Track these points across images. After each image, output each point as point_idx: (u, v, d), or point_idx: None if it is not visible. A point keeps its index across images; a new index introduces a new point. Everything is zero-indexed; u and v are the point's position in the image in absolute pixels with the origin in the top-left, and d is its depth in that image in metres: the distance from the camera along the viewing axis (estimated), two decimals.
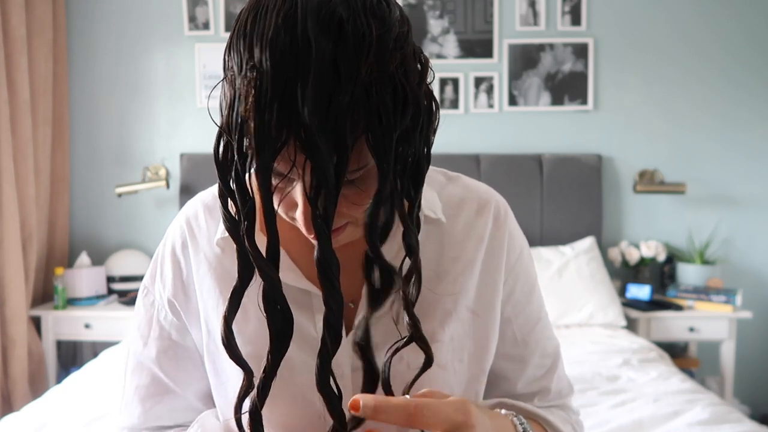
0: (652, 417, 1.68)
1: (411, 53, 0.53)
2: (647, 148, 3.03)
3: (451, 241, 0.70)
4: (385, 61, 0.49)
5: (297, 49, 0.47)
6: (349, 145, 0.48)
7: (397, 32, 0.51)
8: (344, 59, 0.47)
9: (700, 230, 3.01)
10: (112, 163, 3.07)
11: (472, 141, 3.01)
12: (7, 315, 2.63)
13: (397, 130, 0.51)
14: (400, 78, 0.51)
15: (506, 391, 0.77)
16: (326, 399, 0.52)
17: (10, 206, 2.58)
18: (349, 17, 0.48)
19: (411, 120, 0.52)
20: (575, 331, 2.54)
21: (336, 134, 0.48)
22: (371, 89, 0.49)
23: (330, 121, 0.47)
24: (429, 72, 0.56)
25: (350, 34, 0.48)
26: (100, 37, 3.03)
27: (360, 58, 0.48)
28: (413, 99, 0.52)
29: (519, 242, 0.75)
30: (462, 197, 0.73)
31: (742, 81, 3.00)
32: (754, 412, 2.98)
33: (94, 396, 1.87)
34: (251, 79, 0.48)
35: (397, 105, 0.50)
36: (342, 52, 0.48)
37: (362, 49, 0.48)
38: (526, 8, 3.00)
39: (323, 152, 0.47)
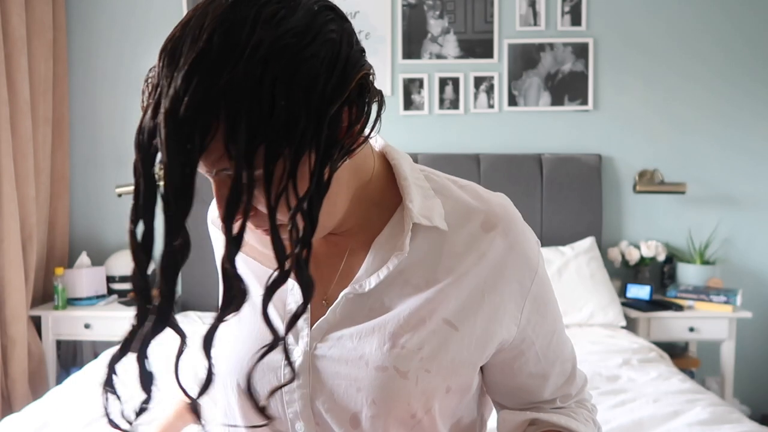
0: (652, 417, 1.68)
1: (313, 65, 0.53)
2: (647, 148, 3.03)
3: (450, 251, 0.68)
4: (250, 70, 0.51)
5: (173, 56, 0.52)
6: (196, 148, 0.51)
7: (282, 43, 0.52)
8: (203, 65, 0.50)
9: (700, 230, 3.01)
10: (112, 163, 3.07)
11: (472, 141, 3.01)
12: (7, 315, 2.63)
13: (256, 137, 0.51)
14: (269, 88, 0.51)
15: (529, 401, 0.77)
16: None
17: (10, 206, 2.58)
18: (227, 28, 0.51)
19: (285, 129, 0.52)
20: (575, 331, 2.54)
21: (184, 135, 0.51)
22: (228, 96, 0.50)
23: (177, 122, 0.50)
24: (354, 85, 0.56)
25: (218, 42, 0.51)
26: (100, 37, 3.03)
27: (221, 65, 0.50)
28: (290, 109, 0.52)
29: (535, 259, 0.71)
30: (470, 208, 0.69)
31: (742, 81, 3.00)
32: (754, 412, 2.98)
33: (94, 396, 1.87)
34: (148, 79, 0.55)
35: (262, 112, 0.51)
36: (202, 59, 0.50)
37: (226, 58, 0.50)
38: (526, 8, 3.00)
39: (169, 152, 0.51)
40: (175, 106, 0.50)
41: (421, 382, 0.65)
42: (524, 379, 0.75)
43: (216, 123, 0.51)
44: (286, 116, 0.52)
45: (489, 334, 0.68)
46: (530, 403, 0.77)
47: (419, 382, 0.65)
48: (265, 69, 0.51)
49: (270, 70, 0.51)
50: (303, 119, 0.53)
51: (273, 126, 0.52)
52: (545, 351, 0.74)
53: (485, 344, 0.69)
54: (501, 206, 0.70)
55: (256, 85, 0.51)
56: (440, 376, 0.66)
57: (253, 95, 0.51)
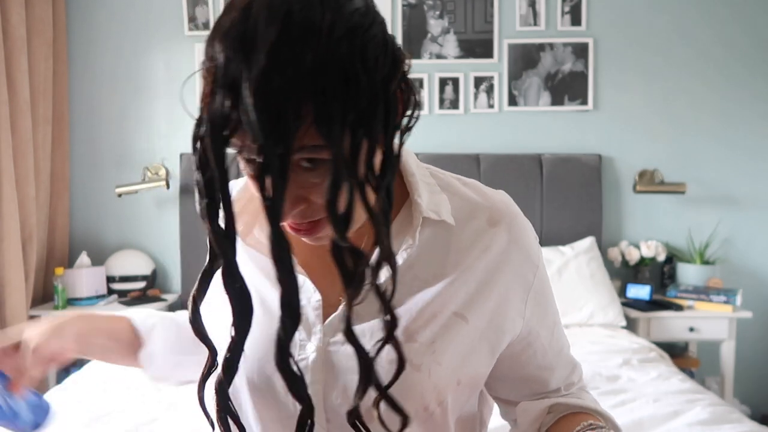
0: (652, 417, 1.68)
1: (377, 45, 0.54)
2: (647, 148, 3.03)
3: (457, 246, 0.69)
4: (333, 48, 0.50)
5: (244, 37, 0.50)
6: (291, 128, 0.49)
7: (353, 23, 0.52)
8: (287, 45, 0.49)
9: (700, 230, 3.01)
10: (112, 163, 3.07)
11: (472, 141, 3.01)
12: (7, 315, 2.62)
13: (347, 114, 0.51)
14: (353, 65, 0.51)
15: (536, 392, 0.79)
16: (286, 378, 0.54)
17: (10, 206, 2.58)
18: (299, 8, 0.50)
19: (367, 108, 0.52)
20: (575, 331, 2.54)
21: (277, 117, 0.49)
22: (318, 75, 0.50)
23: (270, 104, 0.49)
24: (404, 68, 0.57)
25: (296, 22, 0.50)
26: (100, 37, 3.03)
27: (305, 44, 0.49)
28: (370, 87, 0.52)
29: (536, 253, 0.73)
30: (475, 204, 0.71)
31: (742, 80, 3.00)
32: (754, 412, 2.98)
33: (94, 396, 1.87)
34: (209, 67, 0.51)
35: (350, 92, 0.51)
36: (284, 39, 0.49)
37: (308, 37, 0.50)
38: (526, 8, 3.00)
39: (264, 133, 0.49)
40: (263, 86, 0.49)
41: (434, 375, 0.66)
42: (532, 371, 0.77)
43: (306, 102, 0.50)
44: (368, 94, 0.52)
45: (496, 326, 0.70)
46: (537, 394, 0.79)
47: (432, 375, 0.66)
48: (345, 48, 0.51)
49: (349, 49, 0.51)
50: (379, 98, 0.53)
51: (358, 104, 0.52)
52: (550, 342, 0.77)
53: (494, 337, 0.70)
54: (503, 203, 0.72)
55: (340, 64, 0.51)
56: (451, 368, 0.68)
57: (339, 73, 0.51)
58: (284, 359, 0.53)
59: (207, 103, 0.51)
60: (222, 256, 0.54)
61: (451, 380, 0.68)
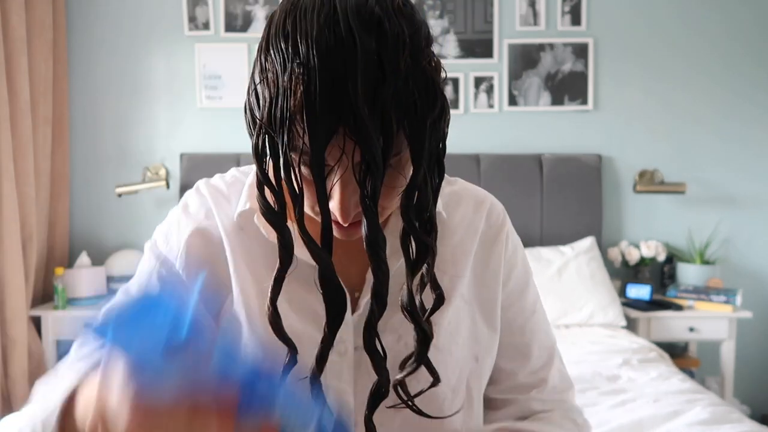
0: (652, 417, 1.68)
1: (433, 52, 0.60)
2: (647, 148, 3.03)
3: (449, 232, 0.75)
4: (418, 57, 0.55)
5: (342, 45, 0.52)
6: (393, 131, 0.53)
7: (425, 32, 0.58)
8: (386, 53, 0.52)
9: (700, 230, 3.01)
10: (112, 163, 3.07)
11: (472, 141, 3.01)
12: (7, 315, 2.63)
13: (429, 119, 0.56)
14: (431, 73, 0.56)
15: (508, 386, 0.81)
16: (373, 359, 0.59)
17: (10, 206, 2.58)
18: (384, 17, 0.54)
19: (439, 111, 0.57)
20: (575, 331, 2.54)
21: (382, 120, 0.52)
22: (409, 82, 0.53)
23: (377, 108, 0.52)
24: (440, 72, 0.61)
25: (388, 31, 0.53)
26: (100, 37, 3.03)
27: (398, 53, 0.53)
28: (441, 92, 0.57)
29: (515, 239, 0.81)
30: (461, 195, 0.78)
31: (742, 82, 3.00)
32: (754, 412, 2.98)
33: None
34: (298, 74, 0.52)
35: (429, 96, 0.55)
36: (384, 48, 0.52)
37: (399, 46, 0.53)
38: (526, 8, 3.00)
39: (372, 137, 0.52)
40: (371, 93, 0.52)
41: (454, 352, 0.72)
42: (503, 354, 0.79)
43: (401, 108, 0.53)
44: (440, 100, 0.57)
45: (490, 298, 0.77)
46: (510, 389, 0.81)
47: (453, 353, 0.72)
48: (425, 57, 0.56)
49: (427, 59, 0.57)
50: (445, 103, 0.58)
51: (434, 110, 0.56)
52: (522, 324, 0.80)
53: (490, 308, 0.77)
54: (485, 194, 0.81)
55: (423, 72, 0.55)
56: (467, 346, 0.74)
57: (423, 82, 0.55)
58: (372, 341, 0.59)
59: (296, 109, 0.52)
60: (320, 264, 0.57)
61: (469, 357, 0.74)
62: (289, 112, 0.53)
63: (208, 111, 3.03)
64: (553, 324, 2.58)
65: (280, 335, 0.60)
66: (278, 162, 0.55)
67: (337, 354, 0.69)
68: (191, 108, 3.04)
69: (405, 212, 0.58)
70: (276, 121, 0.53)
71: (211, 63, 3.01)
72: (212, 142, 3.00)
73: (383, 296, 0.57)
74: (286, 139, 0.53)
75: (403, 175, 0.59)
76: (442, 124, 0.58)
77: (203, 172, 2.89)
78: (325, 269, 0.57)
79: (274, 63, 0.54)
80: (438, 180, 0.62)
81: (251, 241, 0.71)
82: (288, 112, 0.53)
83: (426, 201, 0.59)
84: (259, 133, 0.56)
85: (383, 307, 0.58)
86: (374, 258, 0.56)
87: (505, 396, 0.81)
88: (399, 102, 0.53)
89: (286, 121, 0.53)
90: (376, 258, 0.56)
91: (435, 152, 0.59)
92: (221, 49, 3.00)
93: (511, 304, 0.79)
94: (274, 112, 0.53)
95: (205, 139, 3.02)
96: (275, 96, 0.53)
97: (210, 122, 3.02)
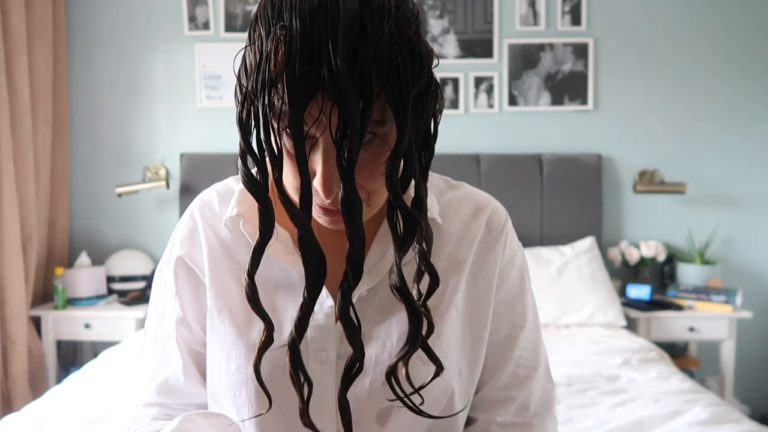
0: (652, 417, 1.68)
1: (420, 24, 0.59)
2: (647, 148, 3.03)
3: (445, 240, 0.73)
4: (403, 26, 0.55)
5: (325, 8, 0.52)
6: (373, 93, 0.53)
7: (411, 6, 0.58)
8: (369, 17, 0.53)
9: (700, 230, 3.01)
10: (112, 163, 3.07)
11: (472, 141, 3.01)
12: (7, 315, 2.63)
13: (413, 88, 0.55)
14: (416, 44, 0.56)
15: (474, 400, 0.77)
16: (346, 328, 0.57)
17: (10, 206, 2.58)
18: None
19: (425, 85, 0.57)
20: (575, 331, 2.54)
21: (362, 82, 0.52)
22: (392, 48, 0.53)
23: (356, 70, 0.52)
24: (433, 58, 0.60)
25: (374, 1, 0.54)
26: (100, 37, 3.03)
27: (383, 19, 0.53)
28: (427, 66, 0.57)
29: (514, 248, 0.77)
30: (461, 201, 0.76)
31: (742, 82, 3.00)
32: (754, 412, 2.98)
33: (94, 396, 1.87)
34: (281, 36, 0.53)
35: (414, 65, 0.55)
36: (367, 11, 0.53)
37: (384, 13, 0.53)
38: (526, 8, 3.00)
39: (351, 97, 0.52)
40: (351, 54, 0.51)
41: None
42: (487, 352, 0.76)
43: (382, 73, 0.53)
44: (426, 75, 0.57)
45: (480, 311, 0.74)
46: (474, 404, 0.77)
47: None
48: (411, 28, 0.56)
49: (413, 28, 0.56)
50: (432, 79, 0.58)
51: (419, 82, 0.56)
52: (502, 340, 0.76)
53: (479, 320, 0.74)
54: (487, 198, 0.78)
55: (408, 42, 0.55)
56: (454, 359, 0.71)
57: (408, 50, 0.55)
58: (345, 309, 0.57)
59: (278, 71, 0.52)
60: (299, 227, 0.56)
61: (454, 371, 0.71)
62: (270, 76, 0.53)
63: (208, 111, 3.03)
64: (553, 324, 2.59)
65: (256, 309, 0.60)
66: (260, 129, 0.55)
67: (319, 362, 0.69)
68: (191, 108, 3.04)
69: (389, 180, 0.56)
70: (258, 85, 0.54)
71: (211, 63, 3.00)
72: (212, 142, 3.00)
73: (358, 262, 0.56)
74: (267, 102, 0.53)
75: (389, 149, 0.57)
76: (429, 100, 0.58)
77: (203, 172, 2.90)
78: (303, 232, 0.56)
79: (260, 30, 0.55)
80: (426, 160, 0.61)
81: (239, 247, 0.73)
82: (269, 75, 0.53)
83: (411, 175, 0.59)
84: (243, 100, 0.56)
85: (358, 274, 0.57)
86: (349, 222, 0.55)
87: (469, 413, 0.77)
88: (380, 65, 0.52)
89: (266, 86, 0.53)
90: (351, 222, 0.55)
91: (422, 128, 0.59)
92: (221, 49, 3.00)
93: (498, 315, 0.76)
94: (257, 77, 0.54)
95: (205, 139, 3.02)
96: (258, 61, 0.54)
97: (210, 122, 3.02)
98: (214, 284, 0.73)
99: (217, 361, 0.72)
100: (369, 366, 0.68)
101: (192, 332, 0.76)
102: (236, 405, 0.71)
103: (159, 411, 0.77)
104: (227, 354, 0.71)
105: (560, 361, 2.10)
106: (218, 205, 0.76)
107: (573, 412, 1.74)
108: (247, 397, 0.70)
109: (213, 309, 0.73)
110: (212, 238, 0.75)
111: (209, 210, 0.77)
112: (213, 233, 0.75)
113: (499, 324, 0.76)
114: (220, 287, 0.73)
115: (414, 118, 0.57)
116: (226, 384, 0.71)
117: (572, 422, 1.69)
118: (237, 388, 0.70)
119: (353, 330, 0.58)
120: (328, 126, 0.54)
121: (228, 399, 0.72)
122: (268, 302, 0.63)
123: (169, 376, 0.76)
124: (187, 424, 0.68)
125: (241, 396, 0.70)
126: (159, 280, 0.79)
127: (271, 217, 0.58)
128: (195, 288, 0.76)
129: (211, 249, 0.74)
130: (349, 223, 0.55)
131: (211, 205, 0.77)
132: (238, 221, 0.71)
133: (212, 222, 0.76)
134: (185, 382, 0.76)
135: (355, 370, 0.59)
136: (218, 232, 0.75)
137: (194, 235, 0.76)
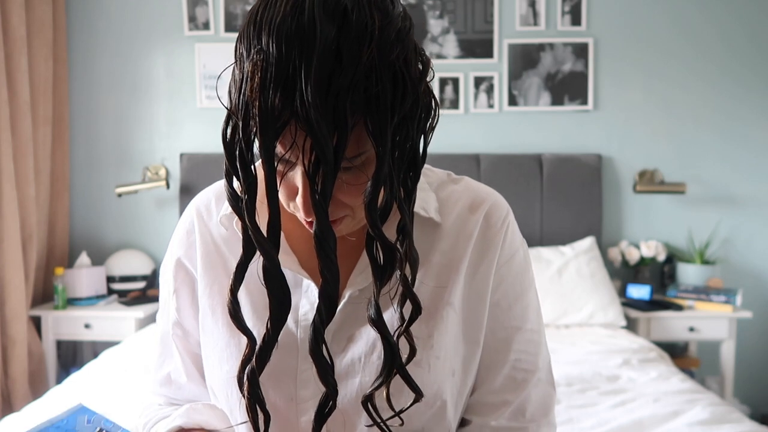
0: (652, 417, 1.68)
1: (412, 49, 0.56)
2: (647, 147, 3.03)
3: (441, 237, 0.71)
4: (386, 50, 0.52)
5: (302, 33, 0.50)
6: (348, 125, 0.51)
7: (398, 26, 0.54)
8: (346, 44, 0.50)
9: (700, 230, 3.01)
10: (112, 163, 3.07)
11: (472, 141, 3.01)
12: (7, 315, 2.63)
13: (395, 116, 0.53)
14: (400, 68, 0.53)
15: (469, 402, 0.75)
16: (317, 365, 0.56)
17: (10, 206, 2.58)
18: (353, 7, 0.52)
19: (410, 109, 0.55)
20: (575, 331, 2.54)
21: (336, 113, 0.50)
22: (371, 75, 0.51)
23: (330, 100, 0.50)
24: (429, 71, 0.58)
25: (353, 22, 0.51)
26: (100, 37, 3.03)
27: (362, 45, 0.51)
28: (412, 89, 0.54)
29: (514, 246, 0.73)
30: (459, 196, 0.73)
31: (743, 81, 3.00)
32: (754, 412, 2.98)
33: (93, 396, 1.87)
34: (257, 61, 0.51)
35: (397, 92, 0.53)
36: (345, 38, 0.50)
37: (364, 37, 0.51)
38: (526, 8, 3.00)
39: (323, 129, 0.50)
40: (325, 84, 0.50)
41: (433, 369, 0.67)
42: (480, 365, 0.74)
43: (360, 102, 0.51)
44: (411, 97, 0.54)
45: (476, 310, 0.72)
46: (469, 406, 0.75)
47: (431, 370, 0.67)
48: (395, 50, 0.53)
49: (397, 52, 0.53)
50: (419, 100, 0.56)
51: (403, 106, 0.54)
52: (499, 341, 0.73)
53: (475, 319, 0.72)
54: (487, 193, 0.75)
55: (390, 66, 0.52)
56: (448, 360, 0.69)
57: (389, 75, 0.52)
58: (317, 346, 0.55)
59: (253, 96, 0.51)
60: (265, 256, 0.55)
61: (447, 372, 0.69)
62: (247, 98, 0.52)
63: (208, 111, 3.03)
64: (553, 324, 2.58)
65: (238, 324, 0.59)
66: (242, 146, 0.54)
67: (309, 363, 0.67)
68: (191, 108, 3.04)
69: (368, 211, 0.55)
70: (239, 106, 0.53)
71: (211, 63, 3.00)
72: (212, 142, 3.00)
73: (332, 298, 0.55)
74: (242, 125, 0.52)
75: (369, 175, 0.55)
76: (415, 123, 0.56)
77: (203, 172, 2.90)
78: (269, 263, 0.55)
79: (242, 49, 0.53)
80: (411, 184, 0.59)
81: (234, 245, 0.72)
82: (246, 99, 0.52)
83: (392, 202, 0.57)
84: (227, 118, 0.55)
85: (332, 310, 0.55)
86: (323, 257, 0.54)
87: (464, 415, 0.75)
88: (356, 94, 0.50)
89: (242, 109, 0.52)
90: (325, 258, 0.54)
91: (407, 152, 0.57)
92: (221, 49, 3.00)
93: (495, 315, 0.72)
94: (239, 98, 0.53)
95: (205, 139, 3.02)
96: (239, 81, 0.53)
97: (210, 122, 3.02)
98: (208, 285, 0.74)
99: (212, 361, 0.73)
100: (359, 367, 0.67)
101: (187, 334, 0.77)
102: (229, 405, 0.71)
103: (165, 400, 0.80)
104: (219, 355, 0.71)
105: (560, 361, 2.10)
106: (215, 205, 0.76)
107: (573, 412, 1.74)
108: (238, 398, 0.69)
109: (207, 309, 0.73)
110: (208, 238, 0.75)
111: (206, 210, 0.77)
112: (208, 233, 0.75)
113: (496, 324, 0.72)
114: (213, 288, 0.73)
115: (397, 143, 0.55)
116: (220, 384, 0.71)
117: (572, 422, 1.69)
118: (229, 388, 0.70)
119: (325, 368, 0.56)
120: (301, 157, 0.53)
121: (221, 398, 0.72)
122: (262, 298, 0.63)
123: (171, 371, 0.78)
124: (193, 413, 0.70)
125: (233, 396, 0.70)
126: (162, 278, 0.80)
127: (255, 235, 0.56)
128: (192, 289, 0.76)
129: (206, 249, 0.75)
130: (322, 259, 0.54)
131: (207, 205, 0.77)
132: (232, 218, 0.70)
133: (208, 222, 0.76)
134: (187, 381, 0.78)
135: (328, 409, 0.58)
136: (214, 232, 0.75)
137: (190, 236, 0.76)
